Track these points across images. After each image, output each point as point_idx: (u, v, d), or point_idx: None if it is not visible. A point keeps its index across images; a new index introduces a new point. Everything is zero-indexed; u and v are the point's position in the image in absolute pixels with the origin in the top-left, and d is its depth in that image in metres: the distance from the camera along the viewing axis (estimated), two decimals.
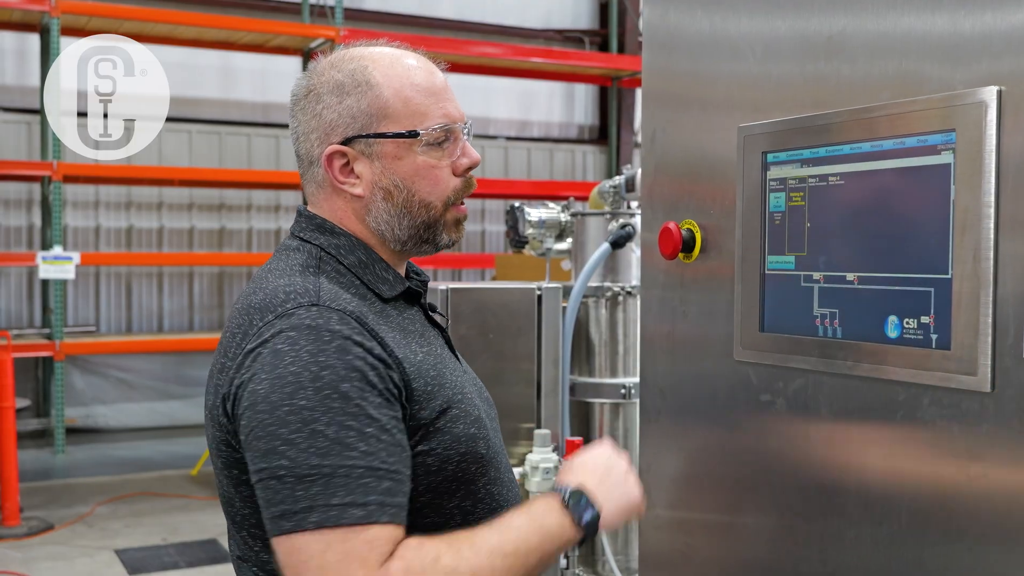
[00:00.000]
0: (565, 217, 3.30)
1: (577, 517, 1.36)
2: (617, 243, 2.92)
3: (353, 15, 9.82)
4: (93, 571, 5.32)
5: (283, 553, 1.23)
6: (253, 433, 1.27)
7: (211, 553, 5.59)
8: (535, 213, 3.31)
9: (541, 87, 11.31)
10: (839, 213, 1.45)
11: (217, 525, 5.92)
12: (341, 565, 1.20)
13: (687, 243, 1.72)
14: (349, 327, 1.31)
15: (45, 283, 8.65)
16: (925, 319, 1.31)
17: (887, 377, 1.37)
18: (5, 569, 5.25)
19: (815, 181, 1.48)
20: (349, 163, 1.46)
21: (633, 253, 3.07)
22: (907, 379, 1.34)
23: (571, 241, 3.36)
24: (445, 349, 1.53)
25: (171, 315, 9.63)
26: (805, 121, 1.50)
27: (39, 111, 8.73)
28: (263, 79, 9.88)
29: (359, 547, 1.21)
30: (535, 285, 2.94)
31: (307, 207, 1.52)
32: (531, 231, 3.32)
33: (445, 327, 1.60)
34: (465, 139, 1.50)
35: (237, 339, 1.35)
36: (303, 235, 1.48)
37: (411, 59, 1.49)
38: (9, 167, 8.33)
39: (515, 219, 3.34)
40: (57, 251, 7.77)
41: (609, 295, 3.03)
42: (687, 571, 1.79)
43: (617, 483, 1.43)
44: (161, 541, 5.79)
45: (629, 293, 3.04)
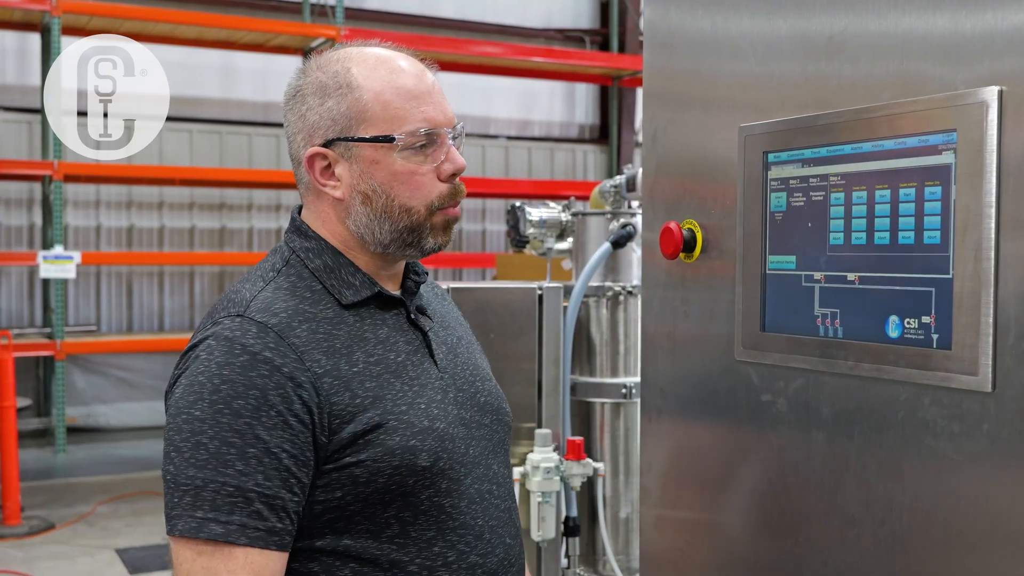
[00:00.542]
0: (566, 217, 3.30)
1: None
2: (618, 243, 2.93)
3: (354, 14, 9.82)
4: (94, 570, 5.33)
5: (171, 550, 1.31)
6: (164, 432, 1.35)
7: None
8: (536, 213, 3.31)
9: (542, 86, 11.32)
10: (840, 213, 1.45)
11: None
12: None
13: (688, 243, 1.72)
14: (262, 342, 1.33)
15: (46, 282, 8.66)
16: (926, 319, 1.31)
17: (888, 377, 1.37)
18: (6, 568, 5.26)
19: (816, 181, 1.48)
20: (330, 165, 1.45)
21: (634, 253, 3.07)
22: (908, 379, 1.34)
23: (572, 241, 3.36)
24: (416, 355, 1.47)
25: (172, 314, 9.64)
26: (806, 121, 1.50)
27: (40, 111, 8.74)
28: (264, 79, 9.88)
29: (218, 567, 1.26)
30: (536, 285, 2.95)
31: (300, 209, 1.53)
32: (532, 231, 3.32)
33: (428, 330, 1.53)
34: (451, 144, 1.48)
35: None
36: (286, 238, 1.51)
37: (400, 61, 1.47)
38: (10, 166, 8.34)
39: (516, 219, 3.34)
40: (58, 250, 7.78)
41: (610, 295, 3.03)
42: (688, 570, 1.79)
43: None
44: (162, 540, 5.79)
45: (630, 293, 3.04)
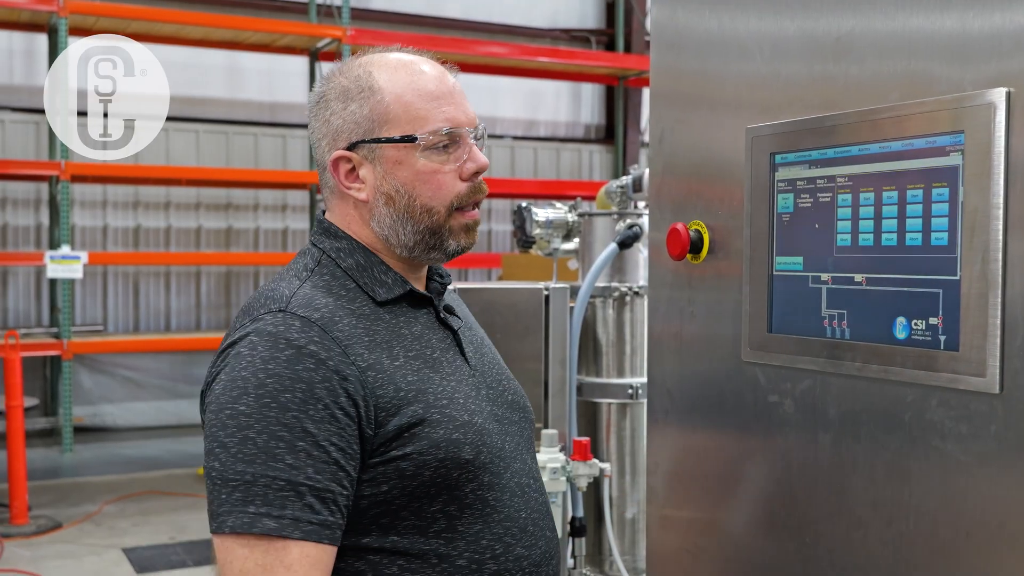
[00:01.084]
0: (572, 217, 3.30)
1: None
2: (624, 243, 2.93)
3: (360, 15, 9.83)
4: (101, 569, 5.34)
5: (216, 550, 1.29)
6: (205, 430, 1.34)
7: None
8: (542, 213, 3.31)
9: (548, 87, 11.32)
10: (847, 214, 1.45)
11: None
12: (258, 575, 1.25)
13: (695, 244, 1.72)
14: (307, 336, 1.34)
15: (53, 282, 8.68)
16: (933, 320, 1.31)
17: (895, 378, 1.37)
18: (14, 567, 5.27)
19: (823, 182, 1.48)
20: (354, 168, 1.48)
21: (640, 253, 3.07)
22: (915, 380, 1.34)
23: (578, 241, 3.36)
24: (450, 352, 1.52)
25: (178, 314, 9.66)
26: (813, 122, 1.50)
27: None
28: (270, 79, 9.90)
29: (274, 563, 1.25)
30: (542, 285, 2.95)
31: (324, 213, 1.56)
32: (538, 231, 3.33)
33: (457, 328, 1.57)
34: (474, 143, 1.50)
35: (224, 341, 1.42)
36: (314, 239, 1.53)
37: (422, 65, 1.50)
38: (17, 167, 8.37)
39: (522, 219, 3.34)
40: (65, 250, 7.79)
41: (616, 295, 3.03)
42: (694, 571, 1.79)
43: None
44: (169, 540, 5.80)
45: (636, 293, 3.04)
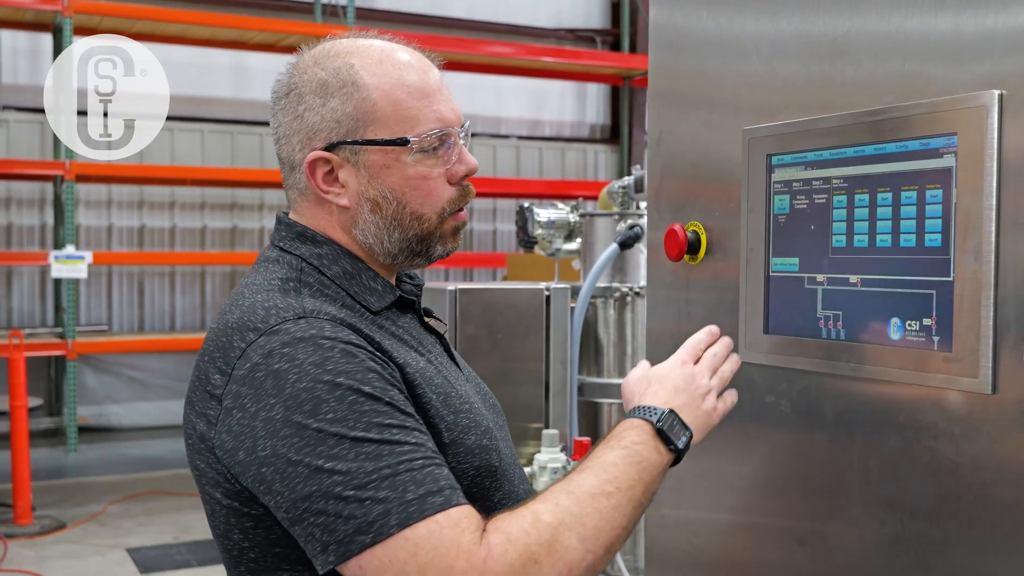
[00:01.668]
0: (574, 218, 3.31)
1: (672, 444, 1.30)
2: (625, 244, 2.93)
3: (365, 14, 9.84)
4: (105, 569, 5.35)
5: (370, 571, 1.11)
6: (278, 464, 1.15)
7: None
8: (544, 214, 3.32)
9: (553, 86, 11.32)
10: (842, 216, 1.45)
11: None
12: (439, 560, 1.10)
13: (692, 245, 1.73)
14: (345, 334, 1.22)
15: (58, 282, 8.70)
16: (927, 321, 1.32)
17: (890, 379, 1.37)
18: (18, 567, 5.29)
19: (819, 183, 1.49)
20: (333, 171, 1.34)
21: (641, 254, 3.07)
22: (909, 381, 1.35)
23: (580, 242, 3.37)
24: (444, 357, 1.44)
25: (183, 314, 9.68)
26: (809, 124, 1.50)
27: None
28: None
29: (448, 536, 1.11)
30: (543, 285, 2.95)
31: (288, 214, 1.41)
32: (540, 231, 3.33)
33: (443, 332, 1.51)
34: (463, 143, 1.38)
35: (217, 363, 1.24)
36: (283, 244, 1.37)
37: (403, 54, 1.36)
38: (22, 166, 8.39)
39: (524, 219, 3.35)
40: (69, 250, 7.81)
41: (617, 296, 3.04)
42: (693, 571, 1.80)
43: (697, 400, 1.37)
44: (173, 540, 5.81)
45: (637, 294, 3.04)
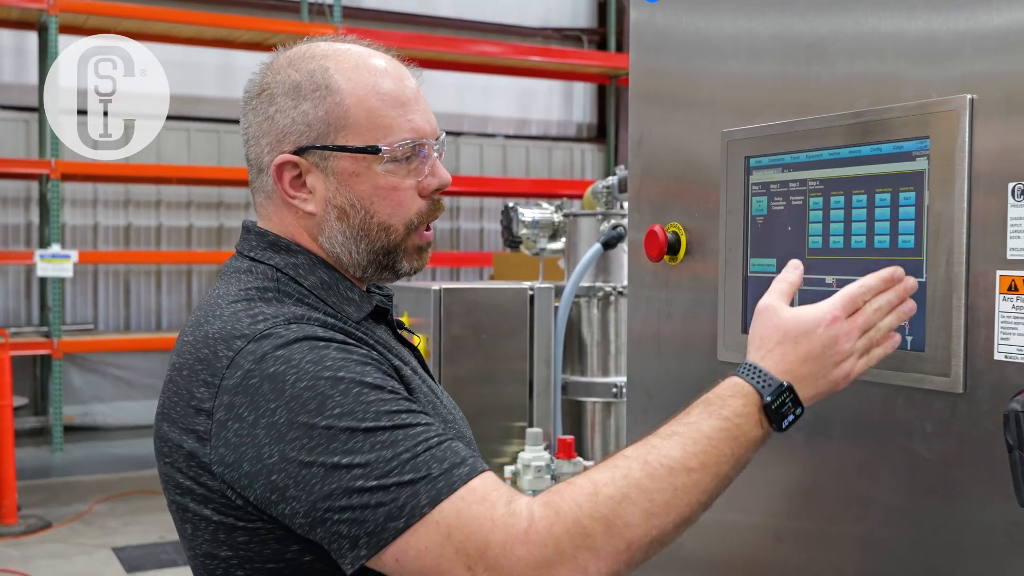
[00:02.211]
0: (558, 217, 3.33)
1: (778, 424, 1.17)
2: (608, 244, 2.95)
3: (352, 13, 9.84)
4: (91, 569, 5.35)
5: (408, 561, 1.07)
6: (289, 469, 1.10)
7: None
8: (528, 213, 3.33)
9: (540, 85, 11.34)
10: (818, 217, 1.47)
11: None
12: (475, 537, 1.04)
13: (672, 245, 1.74)
14: (338, 336, 1.19)
15: (43, 281, 8.68)
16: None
17: (864, 378, 1.38)
18: (3, 567, 5.28)
19: (796, 186, 1.50)
20: (301, 175, 1.30)
21: (624, 254, 3.09)
22: (883, 380, 1.36)
23: (565, 241, 3.38)
24: (419, 369, 1.40)
25: (169, 313, 9.66)
26: (786, 127, 1.52)
27: (37, 109, 8.76)
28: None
29: (478, 511, 1.06)
30: (527, 285, 2.97)
31: (256, 222, 1.37)
32: (525, 231, 3.35)
33: (415, 344, 1.49)
34: (436, 156, 1.35)
35: (201, 376, 1.19)
36: (253, 254, 1.32)
37: (379, 61, 1.32)
38: (7, 165, 8.35)
39: (509, 219, 3.36)
40: (55, 249, 7.79)
41: (601, 295, 3.06)
42: (674, 568, 1.81)
43: (829, 369, 1.19)
44: (159, 539, 5.81)
45: (620, 293, 3.06)
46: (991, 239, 1.23)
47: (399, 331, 1.45)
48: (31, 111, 8.94)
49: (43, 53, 8.32)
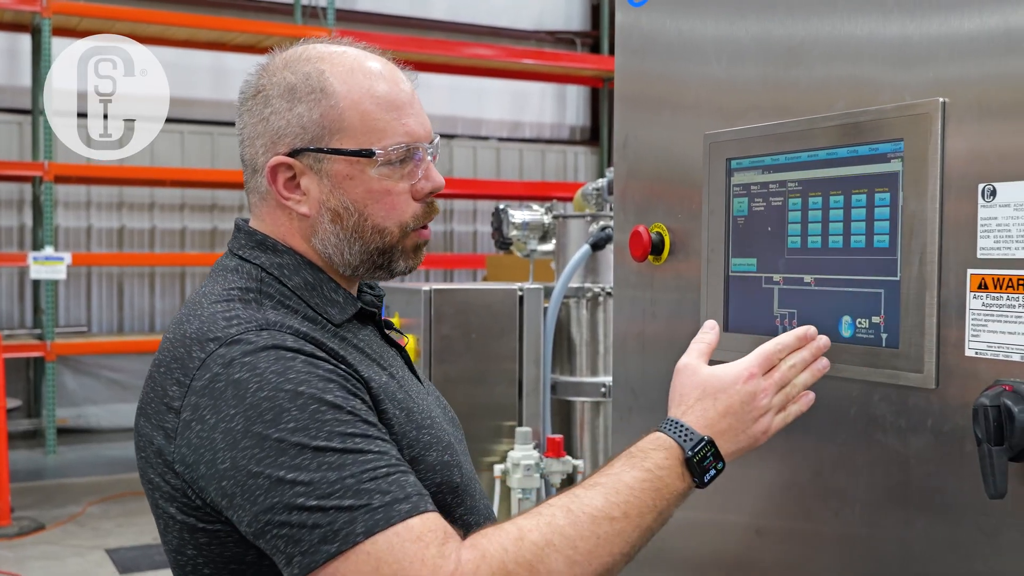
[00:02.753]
0: (548, 219, 3.35)
1: (700, 478, 1.21)
2: (597, 245, 2.98)
3: (345, 16, 9.86)
4: (84, 570, 5.36)
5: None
6: (238, 477, 1.12)
7: None
8: (519, 215, 3.36)
9: (533, 88, 11.37)
10: (797, 218, 1.50)
11: None
12: (401, 573, 1.05)
13: (656, 246, 1.77)
14: (308, 347, 1.19)
15: (36, 283, 8.68)
16: (876, 319, 1.37)
17: (841, 375, 1.42)
18: None
19: (776, 187, 1.53)
20: (295, 177, 1.31)
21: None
22: (860, 376, 1.39)
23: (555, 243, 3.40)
24: (405, 371, 1.40)
25: (163, 315, 9.67)
26: (766, 129, 1.55)
27: (30, 111, 8.78)
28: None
29: (410, 550, 1.06)
30: (517, 286, 3.00)
31: (248, 221, 1.39)
32: (515, 233, 3.38)
33: (403, 345, 1.48)
34: (430, 159, 1.36)
35: (175, 374, 1.20)
36: (242, 253, 1.34)
37: (375, 64, 1.34)
38: (0, 167, 8.36)
39: (500, 221, 3.39)
40: (48, 251, 7.80)
41: (589, 296, 3.08)
42: (660, 568, 1.83)
43: (748, 424, 1.24)
44: (152, 540, 5.81)
45: (609, 294, 3.09)
46: (962, 239, 1.27)
47: (387, 332, 1.45)
48: (24, 113, 8.95)
49: (36, 55, 8.34)
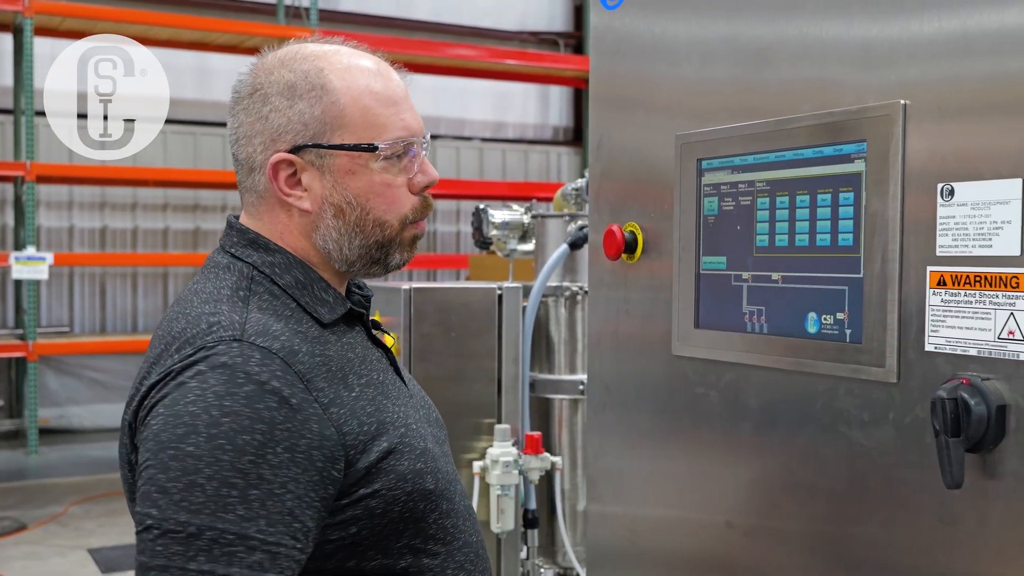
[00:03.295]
0: (527, 219, 3.38)
1: None
2: (575, 244, 3.00)
3: (328, 16, 9.87)
4: (67, 570, 5.35)
5: None
6: (141, 470, 1.17)
7: None
8: (498, 215, 3.38)
9: (516, 89, 11.40)
10: (765, 217, 1.53)
11: None
12: None
13: (629, 245, 1.80)
14: (269, 371, 1.19)
15: (18, 283, 8.65)
16: (840, 315, 1.40)
17: (808, 370, 1.46)
18: None
19: (744, 187, 1.57)
20: (296, 174, 1.33)
21: None
22: (825, 371, 1.43)
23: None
24: (389, 373, 1.41)
25: (145, 315, 9.65)
26: (735, 131, 1.58)
27: (12, 111, 8.74)
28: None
29: None
30: (496, 285, 3.02)
31: (239, 218, 1.39)
32: (495, 232, 3.39)
33: (391, 345, 1.50)
34: (424, 154, 1.40)
35: (155, 368, 1.24)
36: (234, 251, 1.35)
37: (368, 62, 1.37)
38: None
39: (480, 221, 3.41)
40: (30, 251, 7.77)
41: (568, 295, 3.11)
42: (631, 563, 1.86)
43: None
44: (134, 540, 5.81)
45: (587, 293, 3.11)
46: (922, 237, 1.30)
47: (374, 332, 1.46)
48: (6, 113, 8.92)
49: (18, 55, 8.31)
